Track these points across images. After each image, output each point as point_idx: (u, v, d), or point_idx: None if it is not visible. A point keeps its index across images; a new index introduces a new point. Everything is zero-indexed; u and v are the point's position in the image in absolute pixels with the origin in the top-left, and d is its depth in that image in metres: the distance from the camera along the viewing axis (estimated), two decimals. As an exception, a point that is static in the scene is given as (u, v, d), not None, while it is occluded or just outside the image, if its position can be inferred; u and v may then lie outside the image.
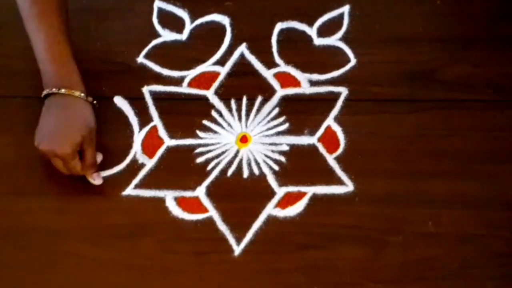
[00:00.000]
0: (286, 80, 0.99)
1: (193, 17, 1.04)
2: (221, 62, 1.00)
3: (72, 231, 0.90)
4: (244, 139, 0.95)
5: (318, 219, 0.89)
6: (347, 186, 0.91)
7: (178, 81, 0.99)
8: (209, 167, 0.93)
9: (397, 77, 0.98)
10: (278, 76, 0.99)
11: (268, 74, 0.99)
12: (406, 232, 0.88)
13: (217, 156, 0.94)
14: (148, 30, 1.03)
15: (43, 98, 0.92)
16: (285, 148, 0.94)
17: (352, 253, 0.87)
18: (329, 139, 0.94)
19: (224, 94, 0.98)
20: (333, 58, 1.00)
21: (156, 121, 0.97)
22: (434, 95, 0.97)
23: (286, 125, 0.96)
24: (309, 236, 0.89)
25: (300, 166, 0.93)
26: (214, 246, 0.88)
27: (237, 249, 0.88)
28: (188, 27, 1.03)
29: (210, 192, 0.92)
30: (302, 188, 0.91)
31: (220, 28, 1.03)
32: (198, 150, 0.94)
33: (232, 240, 0.88)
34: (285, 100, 0.97)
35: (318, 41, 1.01)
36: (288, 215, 0.90)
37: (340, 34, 1.02)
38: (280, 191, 0.91)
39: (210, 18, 1.04)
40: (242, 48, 1.01)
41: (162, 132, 0.96)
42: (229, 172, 0.93)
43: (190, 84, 0.99)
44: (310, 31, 1.02)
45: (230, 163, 0.93)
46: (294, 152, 0.94)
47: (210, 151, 0.94)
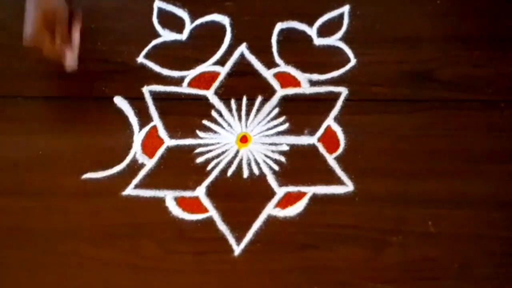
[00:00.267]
0: (286, 80, 0.99)
1: (193, 17, 1.03)
2: (221, 62, 1.00)
3: (72, 231, 0.90)
4: (244, 139, 0.95)
5: (318, 219, 0.89)
6: (347, 186, 0.91)
7: (178, 81, 0.99)
8: (209, 167, 0.93)
9: (397, 77, 0.98)
10: (278, 76, 0.99)
11: (268, 74, 0.99)
12: (406, 232, 0.88)
13: (217, 156, 0.94)
14: (148, 30, 1.03)
15: None
16: (285, 148, 0.94)
17: (352, 253, 0.87)
18: (329, 139, 0.94)
19: (224, 94, 0.98)
20: (333, 58, 0.99)
21: (156, 121, 0.97)
22: (434, 95, 0.96)
23: (286, 125, 0.96)
24: (309, 236, 0.89)
25: (300, 166, 0.93)
26: (214, 246, 0.89)
27: (237, 249, 0.88)
28: (188, 27, 1.03)
29: (210, 192, 0.92)
30: (302, 188, 0.91)
31: (220, 28, 1.03)
32: (198, 150, 0.94)
33: (232, 240, 0.88)
34: (285, 100, 0.97)
35: (318, 41, 1.01)
36: (288, 215, 0.90)
37: (340, 34, 1.01)
38: (280, 191, 0.91)
39: (210, 18, 1.03)
40: (242, 48, 1.01)
41: (162, 132, 0.96)
42: (229, 172, 0.93)
43: (190, 84, 0.99)
44: (310, 31, 1.02)
45: (230, 163, 0.93)
46: (294, 152, 0.94)
47: (210, 151, 0.94)
